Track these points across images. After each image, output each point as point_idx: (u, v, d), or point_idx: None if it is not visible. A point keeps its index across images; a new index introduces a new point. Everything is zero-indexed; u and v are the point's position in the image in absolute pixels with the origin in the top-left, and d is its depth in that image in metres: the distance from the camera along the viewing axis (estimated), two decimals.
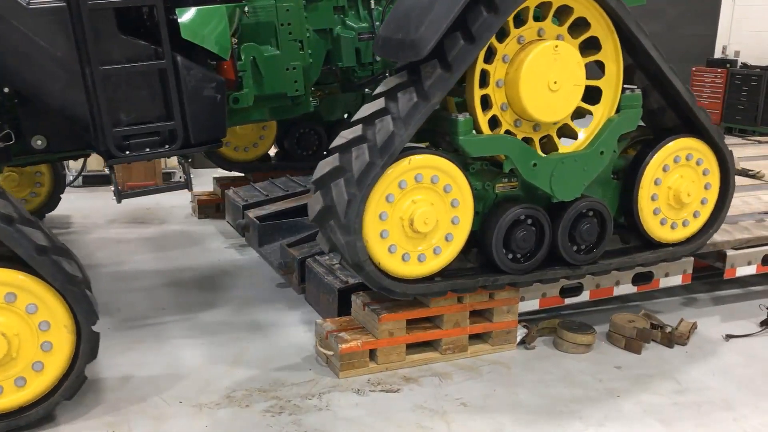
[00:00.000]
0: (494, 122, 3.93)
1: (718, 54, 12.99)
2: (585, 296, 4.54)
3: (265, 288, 5.26)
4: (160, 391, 3.79)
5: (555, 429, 3.54)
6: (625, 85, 4.15)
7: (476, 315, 4.24)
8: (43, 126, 4.17)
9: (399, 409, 3.66)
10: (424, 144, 4.10)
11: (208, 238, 6.40)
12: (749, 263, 4.90)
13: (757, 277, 5.29)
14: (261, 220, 5.77)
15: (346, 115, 6.42)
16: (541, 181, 4.03)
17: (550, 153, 4.07)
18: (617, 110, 4.14)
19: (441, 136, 4.04)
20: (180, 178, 8.55)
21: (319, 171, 3.81)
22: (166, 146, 4.11)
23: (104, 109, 3.86)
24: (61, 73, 3.81)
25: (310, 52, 5.12)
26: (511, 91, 3.85)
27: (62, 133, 4.21)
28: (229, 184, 6.93)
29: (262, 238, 5.70)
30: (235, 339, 4.43)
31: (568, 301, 4.51)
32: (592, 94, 4.10)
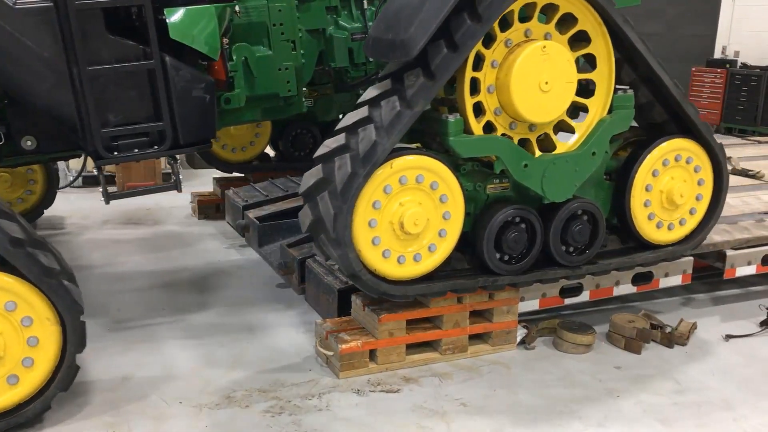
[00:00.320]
0: (489, 127, 3.92)
1: (717, 54, 12.99)
2: (585, 296, 4.54)
3: (265, 288, 5.26)
4: (160, 392, 3.79)
5: (555, 429, 3.54)
6: (617, 86, 4.13)
7: (476, 315, 4.24)
8: (33, 127, 4.15)
9: (399, 410, 3.67)
10: (415, 145, 4.08)
11: (208, 239, 6.41)
12: (749, 263, 4.90)
13: (757, 277, 5.29)
14: (261, 221, 5.77)
15: (341, 116, 6.43)
16: (533, 182, 4.01)
17: (547, 152, 4.06)
18: (609, 111, 4.12)
19: (432, 137, 4.01)
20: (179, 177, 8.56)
21: (305, 183, 3.80)
22: (155, 147, 4.08)
23: (92, 110, 3.84)
24: (48, 73, 3.79)
25: (303, 52, 5.10)
26: (503, 95, 3.83)
27: (52, 134, 4.19)
28: (229, 184, 6.93)
29: (261, 239, 5.70)
30: (235, 339, 4.43)
31: (567, 301, 4.51)
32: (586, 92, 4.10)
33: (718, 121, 12.55)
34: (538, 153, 4.04)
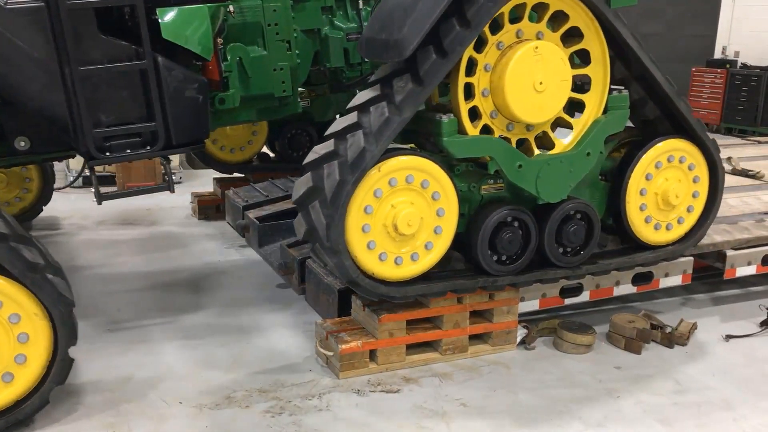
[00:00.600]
0: (486, 130, 3.91)
1: (717, 54, 12.99)
2: (585, 296, 4.54)
3: (265, 289, 5.26)
4: (160, 392, 3.79)
5: (555, 429, 3.54)
6: (612, 86, 4.11)
7: (476, 315, 4.24)
8: (27, 127, 4.14)
9: (399, 410, 3.67)
10: (409, 145, 4.06)
11: (208, 239, 6.41)
12: (749, 263, 4.90)
13: (757, 277, 5.29)
14: (261, 221, 5.77)
15: (338, 116, 6.42)
16: (527, 183, 4.00)
17: (546, 149, 4.04)
18: (604, 111, 4.10)
19: (425, 137, 4.00)
20: (179, 178, 8.58)
21: (297, 192, 3.79)
22: (148, 147, 4.07)
23: (84, 110, 3.82)
24: (40, 73, 3.77)
25: (298, 52, 5.09)
26: (498, 99, 3.82)
27: (46, 134, 4.18)
28: (229, 184, 6.94)
29: (262, 239, 5.71)
30: (235, 339, 4.43)
31: (567, 301, 4.51)
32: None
33: (718, 122, 12.56)
34: (537, 152, 4.04)
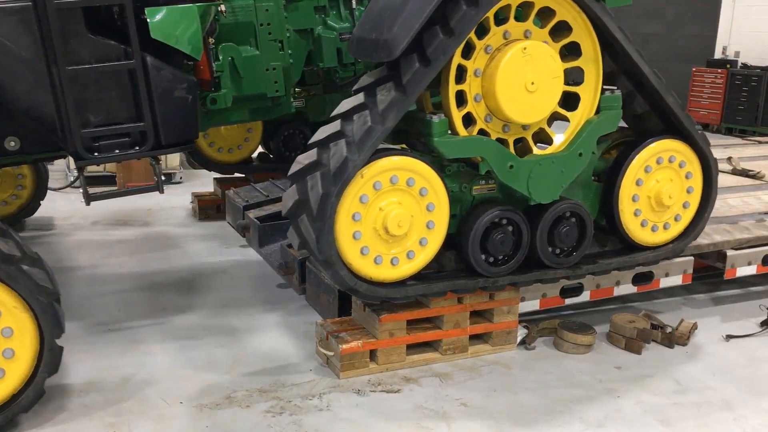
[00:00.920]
0: (483, 134, 3.89)
1: (718, 54, 12.99)
2: (585, 296, 4.54)
3: (266, 288, 5.26)
4: (161, 392, 3.79)
5: (555, 429, 3.54)
6: (604, 86, 4.09)
7: (476, 315, 4.24)
8: (16, 127, 4.11)
9: (399, 410, 3.67)
10: (400, 146, 4.04)
11: (208, 239, 6.41)
12: (749, 263, 4.90)
13: (757, 277, 5.29)
14: (261, 221, 5.77)
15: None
16: (519, 183, 3.98)
17: (544, 143, 4.02)
18: (596, 111, 4.08)
19: (416, 137, 3.98)
20: (179, 178, 8.58)
21: (286, 204, 3.78)
22: (136, 147, 4.04)
23: (71, 110, 3.79)
24: (27, 73, 3.74)
25: (291, 52, 5.08)
26: (491, 102, 3.81)
27: (35, 135, 4.15)
28: (229, 184, 6.94)
29: (262, 239, 5.70)
30: (235, 339, 4.43)
31: (568, 301, 4.51)
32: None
33: (719, 122, 12.56)
34: (535, 150, 4.02)
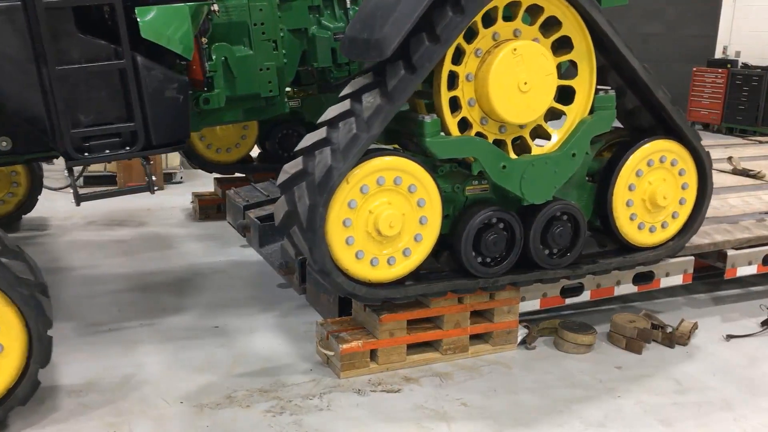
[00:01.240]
0: (479, 137, 3.88)
1: (718, 54, 13.00)
2: (586, 296, 4.54)
3: (266, 288, 5.26)
4: (161, 392, 3.79)
5: (555, 429, 3.54)
6: (598, 86, 4.07)
7: (477, 315, 4.24)
8: (8, 127, 4.09)
9: (400, 410, 3.67)
10: (392, 146, 4.02)
11: (209, 239, 6.41)
12: (750, 263, 4.90)
13: (758, 277, 5.29)
14: (262, 221, 5.77)
15: None
16: (511, 184, 3.95)
17: (542, 139, 4.01)
18: (590, 111, 4.06)
19: (409, 138, 3.96)
20: (180, 178, 8.59)
21: (277, 216, 3.77)
22: (127, 147, 4.02)
23: (61, 110, 3.77)
24: (17, 73, 3.73)
25: (285, 52, 5.06)
26: (485, 106, 3.79)
27: (27, 135, 4.13)
28: (229, 184, 6.94)
29: (262, 239, 5.70)
30: (236, 339, 4.43)
31: (568, 301, 4.51)
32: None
33: (719, 121, 12.56)
34: (534, 147, 4.01)
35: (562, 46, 3.96)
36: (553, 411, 3.69)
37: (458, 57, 3.76)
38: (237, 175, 7.18)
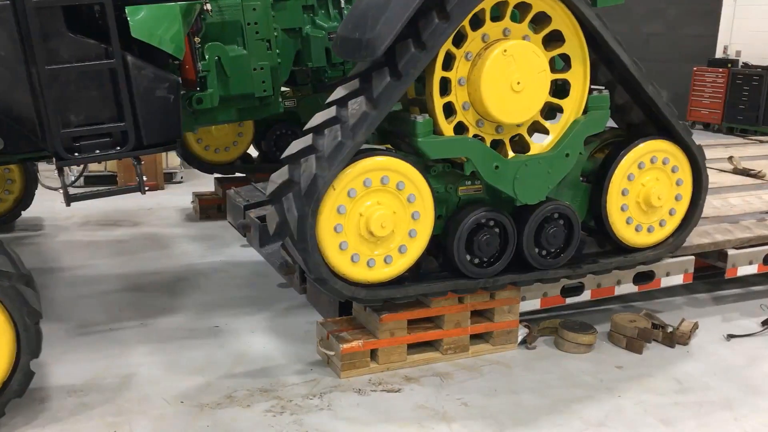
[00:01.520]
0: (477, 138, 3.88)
1: (719, 54, 12.99)
2: (586, 296, 4.54)
3: (266, 288, 5.26)
4: (162, 391, 3.79)
5: (556, 429, 3.54)
6: (592, 86, 4.04)
7: (477, 315, 4.24)
8: None
9: (400, 409, 3.67)
10: (384, 146, 3.99)
11: (209, 239, 6.41)
12: (750, 263, 4.90)
13: (759, 276, 5.28)
14: (262, 220, 5.74)
15: None
16: (504, 184, 3.93)
17: (541, 133, 3.99)
18: (584, 111, 4.04)
19: (401, 138, 3.94)
20: (180, 178, 8.59)
21: (270, 226, 3.77)
22: (117, 147, 3.99)
23: (51, 110, 3.74)
24: (6, 72, 3.71)
25: (279, 52, 5.04)
26: (480, 108, 3.77)
27: (18, 135, 4.08)
28: (230, 184, 6.93)
29: (263, 238, 5.66)
30: (236, 339, 4.43)
31: (569, 300, 4.51)
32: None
33: (720, 121, 12.56)
34: (532, 144, 3.99)
35: (555, 39, 3.93)
36: (554, 411, 3.69)
37: (449, 62, 3.73)
38: (237, 174, 7.18)
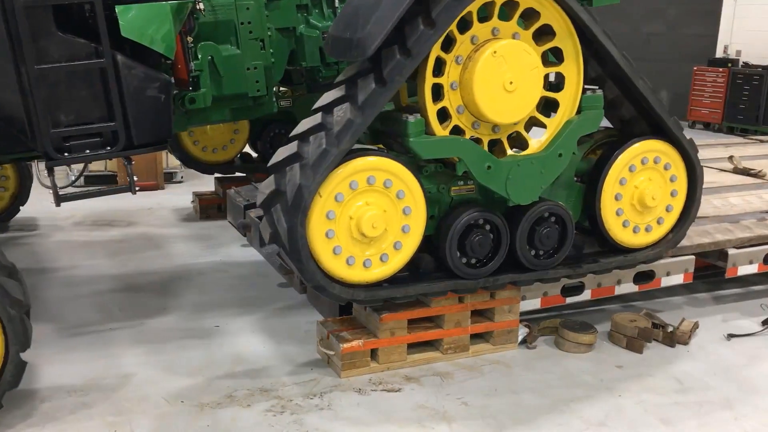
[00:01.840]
0: (474, 140, 3.87)
1: (719, 54, 12.99)
2: (586, 295, 4.54)
3: (267, 288, 5.27)
4: (162, 391, 3.79)
5: (556, 428, 3.54)
6: (585, 86, 4.03)
7: (477, 314, 4.24)
8: None
9: (400, 409, 3.67)
10: (376, 146, 3.98)
11: (209, 238, 6.41)
12: (751, 262, 4.90)
13: (759, 276, 5.28)
14: (262, 220, 5.76)
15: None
16: (496, 184, 3.91)
17: (539, 127, 3.99)
18: (578, 111, 4.02)
19: (393, 138, 3.92)
20: (180, 177, 8.59)
21: (264, 235, 3.76)
22: (108, 147, 3.96)
23: (40, 109, 3.72)
24: None
25: (272, 51, 5.03)
26: (475, 111, 3.76)
27: (8, 135, 4.08)
28: (230, 184, 6.93)
29: (263, 238, 5.69)
30: (237, 339, 4.43)
31: (569, 300, 4.51)
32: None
33: (720, 120, 12.56)
34: (531, 140, 3.99)
35: (546, 33, 3.90)
36: (554, 410, 3.69)
37: (440, 68, 3.72)
38: (238, 174, 7.18)
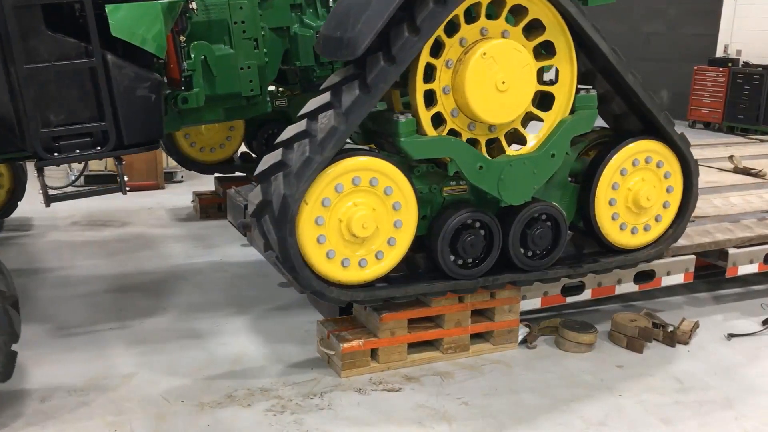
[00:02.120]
0: (473, 141, 3.87)
1: (719, 53, 12.98)
2: (587, 295, 4.54)
3: (267, 287, 5.26)
4: (162, 391, 3.79)
5: (556, 428, 3.54)
6: (579, 86, 4.02)
7: (478, 314, 4.24)
8: None
9: (400, 409, 3.67)
10: (368, 146, 3.97)
11: (209, 238, 6.41)
12: (751, 262, 4.91)
13: (759, 275, 5.28)
14: None
15: None
16: (488, 185, 3.89)
17: (537, 120, 3.99)
18: (571, 111, 4.00)
19: (384, 137, 3.91)
20: (180, 177, 8.58)
21: (258, 246, 3.73)
22: (98, 147, 3.95)
23: (30, 109, 3.70)
24: None
25: (266, 51, 5.02)
26: (469, 113, 3.75)
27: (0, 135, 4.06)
28: (230, 183, 6.93)
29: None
30: (237, 338, 4.43)
31: (569, 299, 4.51)
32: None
33: (720, 120, 12.56)
34: (529, 137, 3.98)
35: (537, 26, 3.89)
36: (554, 410, 3.69)
37: (431, 73, 3.71)
38: (237, 174, 7.18)
